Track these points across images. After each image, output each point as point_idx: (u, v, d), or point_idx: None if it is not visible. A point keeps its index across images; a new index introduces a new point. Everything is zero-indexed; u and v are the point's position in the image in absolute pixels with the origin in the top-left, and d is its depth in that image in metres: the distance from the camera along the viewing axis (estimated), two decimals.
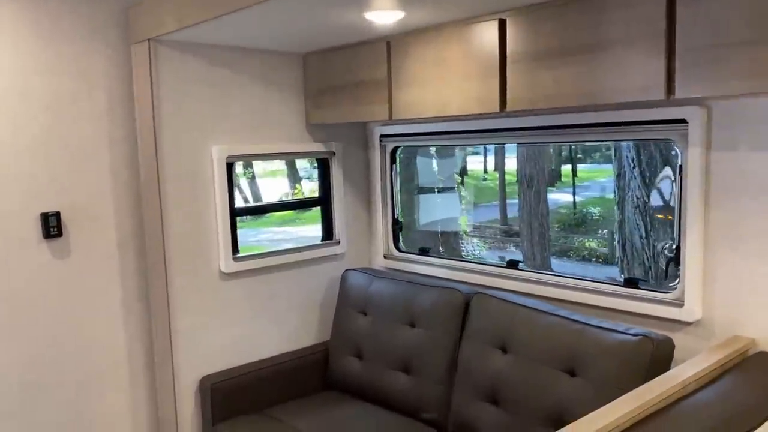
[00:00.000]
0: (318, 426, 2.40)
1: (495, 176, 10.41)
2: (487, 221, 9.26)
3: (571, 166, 9.73)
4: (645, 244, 4.02)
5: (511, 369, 2.12)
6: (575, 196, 10.09)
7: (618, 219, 4.22)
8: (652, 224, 3.90)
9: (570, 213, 9.50)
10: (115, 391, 2.52)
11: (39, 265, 2.32)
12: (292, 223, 6.53)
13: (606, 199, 10.01)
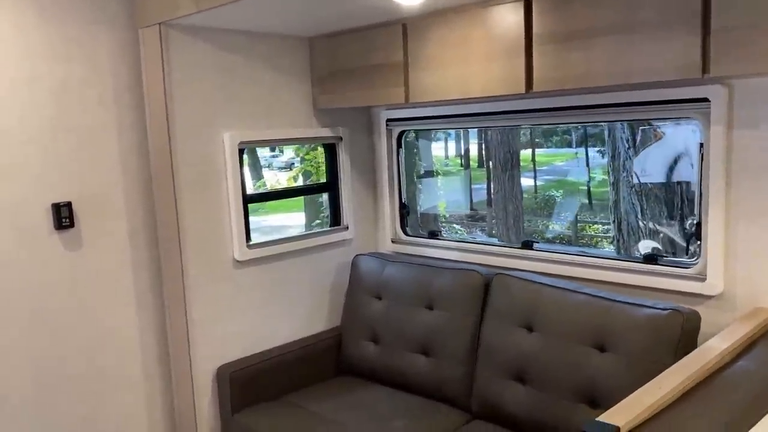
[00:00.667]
0: (340, 410, 2.40)
1: (456, 161, 10.49)
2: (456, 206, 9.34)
3: (531, 150, 9.89)
4: (641, 223, 4.11)
5: (538, 347, 2.16)
6: (536, 180, 10.25)
7: (613, 199, 4.31)
8: (647, 203, 4.00)
9: (531, 197, 9.64)
10: (130, 384, 2.48)
11: (51, 257, 2.26)
12: (273, 212, 6.46)
13: (566, 182, 10.19)
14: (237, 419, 2.42)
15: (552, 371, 2.10)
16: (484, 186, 9.30)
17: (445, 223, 8.13)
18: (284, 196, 3.01)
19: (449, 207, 8.92)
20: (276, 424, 2.33)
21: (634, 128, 4.10)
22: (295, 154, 7.10)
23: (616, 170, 4.41)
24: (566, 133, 9.94)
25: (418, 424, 2.29)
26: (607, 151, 4.57)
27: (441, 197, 8.91)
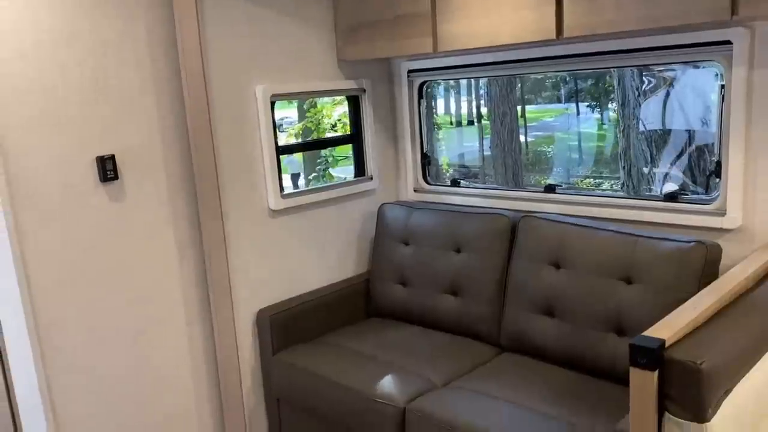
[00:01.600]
0: (377, 347, 2.53)
1: (446, 119, 10.53)
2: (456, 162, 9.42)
3: (520, 106, 9.95)
4: (650, 170, 4.23)
5: (566, 282, 2.29)
6: (526, 137, 10.34)
7: (623, 146, 4.42)
8: (657, 150, 4.11)
9: (523, 153, 9.72)
10: (173, 334, 2.59)
11: (98, 209, 2.34)
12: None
13: (555, 138, 10.27)
14: (279, 358, 2.56)
15: (580, 304, 2.24)
16: (479, 141, 9.37)
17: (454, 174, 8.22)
18: (312, 147, 3.09)
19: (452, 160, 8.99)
20: (319, 359, 2.47)
21: (642, 75, 4.19)
22: (298, 112, 7.12)
23: (625, 117, 4.51)
24: (555, 87, 9.98)
25: (452, 357, 2.43)
26: (617, 99, 4.66)
27: (444, 151, 8.97)
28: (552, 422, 1.93)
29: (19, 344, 2.20)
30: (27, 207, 2.17)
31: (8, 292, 2.16)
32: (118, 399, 2.44)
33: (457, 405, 2.07)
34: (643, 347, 1.40)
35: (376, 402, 2.19)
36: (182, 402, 2.64)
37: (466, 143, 9.90)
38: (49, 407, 2.26)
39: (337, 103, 6.22)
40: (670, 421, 1.41)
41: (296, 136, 7.76)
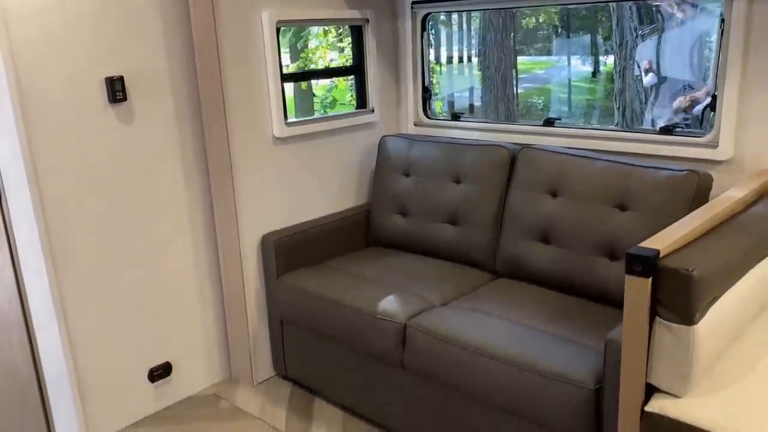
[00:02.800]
0: (375, 271, 2.63)
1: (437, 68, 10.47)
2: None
3: (511, 57, 9.91)
4: (645, 110, 4.30)
5: (562, 210, 2.38)
6: (516, 89, 10.33)
7: (619, 87, 4.47)
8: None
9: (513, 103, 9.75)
10: (180, 253, 2.67)
11: (107, 129, 2.38)
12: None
13: (546, 90, 10.28)
14: (282, 280, 2.65)
15: (575, 230, 2.33)
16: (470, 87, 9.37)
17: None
18: (315, 76, 3.12)
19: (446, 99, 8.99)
20: (321, 281, 2.56)
21: (642, 16, 4.21)
22: (290, 52, 7.07)
23: (622, 58, 4.55)
24: (548, 39, 9.94)
25: (450, 281, 2.54)
26: (615, 39, 4.69)
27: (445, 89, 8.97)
28: (546, 336, 2.04)
29: (33, 259, 2.27)
30: (38, 124, 2.21)
31: (21, 207, 2.22)
32: (127, 314, 2.53)
33: (455, 321, 2.18)
34: (639, 256, 1.49)
35: (378, 319, 2.29)
36: (188, 320, 2.74)
37: (458, 88, 9.88)
38: (62, 319, 2.35)
39: (330, 45, 6.19)
40: (660, 325, 1.52)
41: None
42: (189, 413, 2.67)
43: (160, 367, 2.68)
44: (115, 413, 2.56)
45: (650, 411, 1.54)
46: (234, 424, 2.58)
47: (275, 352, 2.81)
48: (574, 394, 1.81)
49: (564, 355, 1.91)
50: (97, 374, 2.48)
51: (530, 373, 1.91)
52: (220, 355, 2.88)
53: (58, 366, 2.37)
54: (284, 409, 2.65)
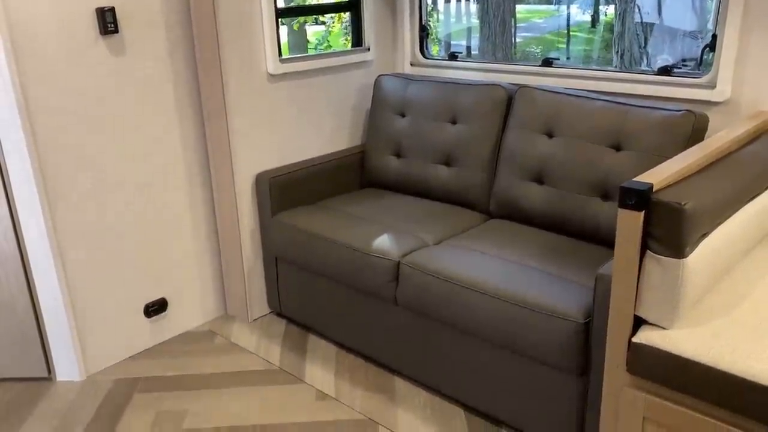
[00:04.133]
0: (370, 211, 2.64)
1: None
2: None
3: (511, 4, 9.74)
4: (644, 54, 4.25)
5: (557, 150, 2.38)
6: (515, 37, 10.19)
7: (618, 30, 4.40)
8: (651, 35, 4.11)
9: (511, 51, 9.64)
10: (174, 191, 2.66)
11: (98, 61, 2.34)
12: None
13: (544, 39, 10.14)
14: (277, 219, 2.66)
15: (569, 171, 2.34)
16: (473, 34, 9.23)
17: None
18: (311, 12, 3.06)
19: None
20: (316, 220, 2.57)
21: None
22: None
23: (623, 2, 4.47)
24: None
25: (443, 221, 2.55)
26: None
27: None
28: (538, 273, 2.07)
29: (27, 192, 2.26)
30: (28, 55, 2.17)
31: (14, 139, 2.20)
32: (122, 249, 2.55)
33: (448, 258, 2.20)
34: (633, 189, 1.50)
35: (372, 256, 2.31)
36: (183, 257, 2.76)
37: (456, 33, 9.74)
38: (57, 254, 2.36)
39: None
40: (651, 258, 1.54)
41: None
42: (184, 348, 2.72)
43: (156, 302, 2.71)
44: (111, 347, 2.60)
45: (637, 342, 1.57)
46: (229, 357, 2.63)
47: (270, 289, 2.84)
48: (564, 328, 1.85)
49: (554, 291, 1.94)
50: (93, 308, 2.51)
51: (520, 308, 1.94)
52: (215, 292, 2.91)
53: (55, 300, 2.40)
54: (279, 345, 2.70)
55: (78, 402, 2.38)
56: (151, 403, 2.36)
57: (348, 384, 2.43)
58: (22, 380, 2.52)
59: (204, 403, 2.35)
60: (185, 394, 2.41)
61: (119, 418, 2.29)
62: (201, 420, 2.27)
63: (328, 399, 2.35)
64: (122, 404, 2.36)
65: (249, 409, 2.31)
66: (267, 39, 2.61)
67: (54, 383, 2.50)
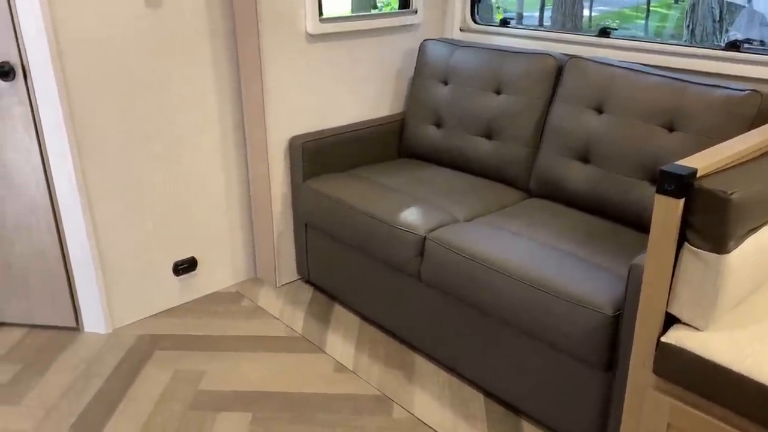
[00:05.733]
0: (405, 183, 2.53)
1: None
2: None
3: None
4: (717, 29, 3.94)
5: (606, 127, 2.20)
6: (591, 11, 9.72)
7: (691, 3, 4.08)
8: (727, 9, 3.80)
9: (586, 26, 9.21)
10: (207, 149, 2.62)
11: (134, 13, 2.30)
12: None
13: (622, 14, 9.62)
14: (308, 185, 2.59)
15: (617, 150, 2.16)
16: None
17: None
18: None
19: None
20: (347, 188, 2.49)
21: None
22: None
23: None
24: None
25: (479, 197, 2.42)
26: None
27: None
28: (571, 258, 1.93)
29: (58, 142, 2.26)
30: (62, 5, 2.14)
31: (46, 87, 2.19)
32: (152, 204, 2.53)
33: (476, 237, 2.08)
34: (673, 173, 1.35)
35: (398, 229, 2.22)
36: (215, 217, 2.73)
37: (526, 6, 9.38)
38: (87, 205, 2.36)
39: None
40: (688, 251, 1.39)
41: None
42: (210, 308, 2.71)
43: (186, 261, 2.70)
44: (138, 302, 2.61)
45: (666, 342, 1.43)
46: (253, 321, 2.60)
47: (299, 256, 2.79)
48: (591, 319, 1.72)
49: (586, 279, 1.80)
50: (121, 263, 2.51)
51: (546, 294, 1.81)
52: (245, 255, 2.89)
53: (83, 252, 2.41)
54: (303, 312, 2.65)
55: (101, 354, 2.41)
56: (171, 361, 2.36)
57: (367, 357, 2.36)
58: (51, 328, 2.56)
59: (222, 365, 2.34)
60: (205, 355, 2.40)
61: (138, 373, 2.30)
62: (217, 382, 2.25)
63: (345, 371, 2.30)
64: (143, 360, 2.37)
65: (266, 376, 2.28)
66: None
67: (81, 334, 2.53)
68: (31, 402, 2.15)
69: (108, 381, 2.26)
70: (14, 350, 2.43)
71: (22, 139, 2.28)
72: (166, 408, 2.13)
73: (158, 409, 2.12)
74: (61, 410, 2.11)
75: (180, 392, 2.20)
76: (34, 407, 2.13)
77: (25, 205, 2.37)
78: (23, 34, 2.14)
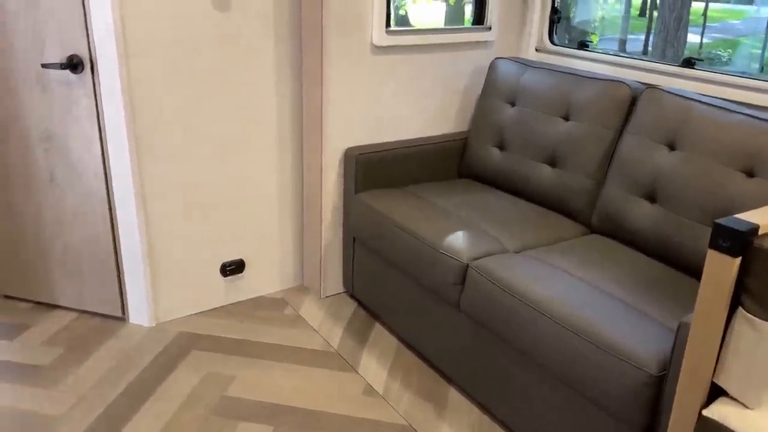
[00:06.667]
0: (457, 205, 2.43)
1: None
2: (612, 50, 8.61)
3: (704, 3, 8.75)
4: None
5: (678, 166, 2.02)
6: (702, 37, 9.19)
7: None
8: None
9: (695, 53, 8.70)
10: (263, 153, 2.62)
11: (202, 14, 2.32)
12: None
13: (735, 42, 9.04)
14: (359, 197, 2.53)
15: (688, 192, 1.98)
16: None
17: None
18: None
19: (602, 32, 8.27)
20: (396, 205, 2.41)
21: None
22: None
23: None
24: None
25: (535, 228, 2.29)
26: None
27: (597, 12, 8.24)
28: (619, 305, 1.77)
29: (117, 135, 2.31)
30: (129, 3, 2.18)
31: (111, 83, 2.24)
32: (204, 204, 2.55)
33: (522, 270, 1.95)
34: (730, 228, 1.19)
35: (441, 254, 2.12)
36: (266, 223, 2.72)
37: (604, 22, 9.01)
38: (140, 200, 2.40)
39: None
40: (742, 317, 1.22)
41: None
42: (253, 312, 2.70)
43: (234, 263, 2.70)
44: (184, 299, 2.63)
45: (709, 416, 1.26)
46: (292, 331, 2.57)
47: (346, 269, 2.74)
48: (633, 376, 1.55)
49: (633, 331, 1.64)
50: (170, 257, 2.54)
51: (587, 342, 1.66)
52: (294, 262, 2.86)
53: (134, 243, 2.45)
54: (342, 327, 2.59)
55: (140, 347, 2.43)
56: (205, 363, 2.36)
57: (399, 384, 2.27)
58: (99, 315, 2.63)
59: (253, 372, 2.31)
60: (238, 360, 2.38)
61: (171, 371, 2.30)
62: (245, 389, 2.22)
63: (374, 395, 2.21)
64: (178, 358, 2.38)
65: (293, 389, 2.23)
66: (376, 6, 2.46)
67: (126, 324, 2.58)
68: (65, 387, 2.20)
69: (141, 375, 2.27)
70: (61, 333, 2.50)
71: (86, 130, 2.34)
72: (191, 410, 2.11)
73: (182, 411, 2.11)
74: (91, 399, 2.14)
75: (207, 396, 2.18)
76: (67, 393, 2.17)
77: (83, 193, 2.44)
78: (93, 30, 2.19)
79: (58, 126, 2.36)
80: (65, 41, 2.23)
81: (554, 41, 2.82)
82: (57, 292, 2.63)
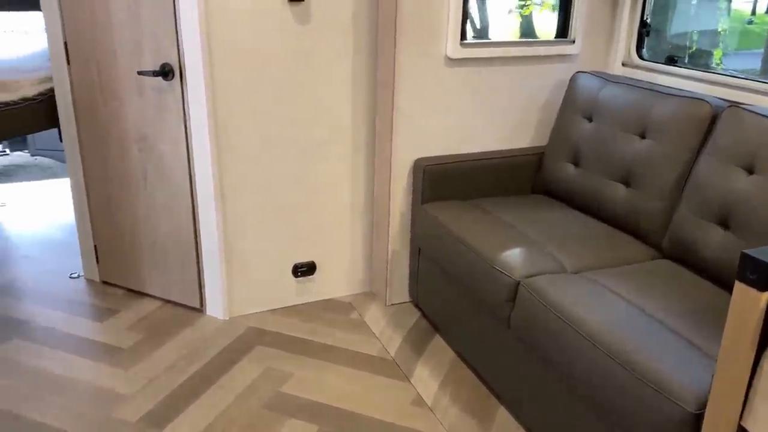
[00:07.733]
0: (525, 221, 2.38)
1: (765, 19, 8.72)
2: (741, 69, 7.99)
3: None
4: None
5: (755, 191, 1.87)
6: None
7: None
8: None
9: None
10: (337, 160, 2.70)
11: (282, 28, 2.44)
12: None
13: None
14: (425, 208, 2.55)
15: (763, 220, 1.83)
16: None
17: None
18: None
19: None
20: (458, 217, 2.41)
21: None
22: None
23: None
24: None
25: (600, 249, 2.20)
26: None
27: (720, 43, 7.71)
28: (670, 336, 1.66)
29: (200, 138, 2.48)
30: (218, 15, 2.33)
31: (196, 88, 2.41)
32: (280, 207, 2.67)
33: (574, 292, 1.88)
34: (757, 259, 1.10)
35: (494, 269, 2.09)
36: (338, 228, 2.81)
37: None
38: (219, 199, 2.56)
39: None
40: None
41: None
42: (321, 314, 2.78)
43: (305, 264, 2.80)
44: (257, 296, 2.76)
45: None
46: (353, 336, 2.62)
47: (411, 278, 2.76)
48: (668, 411, 1.46)
49: (679, 364, 1.54)
50: (245, 255, 2.68)
51: (626, 371, 1.58)
52: (364, 268, 2.92)
53: (213, 239, 2.61)
54: (401, 336, 2.62)
55: (212, 338, 2.59)
56: (266, 358, 2.46)
57: (449, 397, 2.26)
58: (180, 306, 2.82)
59: (309, 372, 2.39)
60: (298, 359, 2.46)
61: (235, 363, 2.43)
62: (299, 387, 2.30)
63: (422, 406, 2.22)
64: (244, 351, 2.50)
65: (344, 392, 2.28)
66: (451, 19, 2.47)
67: (203, 316, 2.75)
68: (138, 370, 2.38)
69: (207, 365, 2.42)
70: (143, 320, 2.70)
71: (174, 133, 2.53)
72: (245, 402, 2.22)
73: (237, 402, 2.22)
74: (159, 384, 2.30)
75: (263, 390, 2.28)
76: (139, 375, 2.35)
77: (170, 191, 2.63)
78: (183, 41, 2.37)
79: (150, 128, 2.57)
80: (159, 51, 2.43)
81: (642, 55, 2.69)
82: (147, 281, 2.85)
